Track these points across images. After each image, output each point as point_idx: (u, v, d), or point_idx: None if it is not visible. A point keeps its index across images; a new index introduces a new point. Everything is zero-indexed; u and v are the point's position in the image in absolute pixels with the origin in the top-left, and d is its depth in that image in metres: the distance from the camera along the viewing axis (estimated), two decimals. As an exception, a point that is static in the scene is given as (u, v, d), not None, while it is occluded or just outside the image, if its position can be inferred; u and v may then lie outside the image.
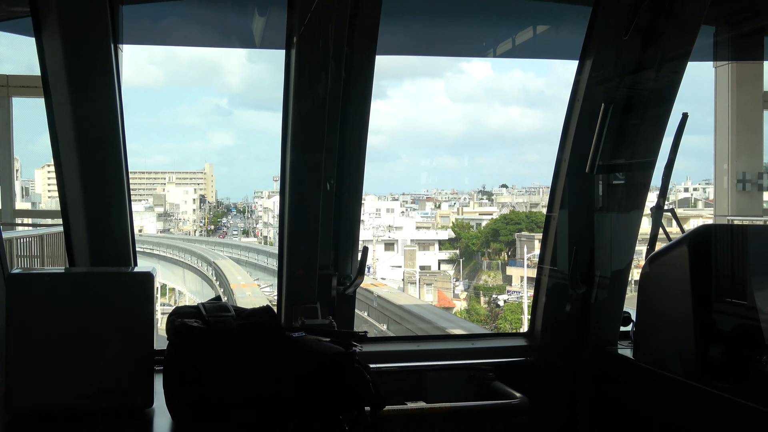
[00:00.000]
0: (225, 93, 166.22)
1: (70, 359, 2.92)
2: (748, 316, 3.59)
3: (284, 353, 2.91)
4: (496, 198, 66.81)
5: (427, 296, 41.50)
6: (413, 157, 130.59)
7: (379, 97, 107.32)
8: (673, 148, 4.22)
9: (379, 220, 51.65)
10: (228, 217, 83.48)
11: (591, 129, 4.40)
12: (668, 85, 4.30)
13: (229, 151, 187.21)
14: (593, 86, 4.39)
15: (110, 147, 3.83)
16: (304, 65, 3.98)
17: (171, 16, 5.46)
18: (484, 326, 39.72)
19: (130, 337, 2.98)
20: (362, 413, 2.94)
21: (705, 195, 52.65)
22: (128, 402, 2.98)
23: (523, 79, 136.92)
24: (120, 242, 3.92)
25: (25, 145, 68.71)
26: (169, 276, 43.80)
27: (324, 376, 2.90)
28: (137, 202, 63.15)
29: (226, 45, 10.33)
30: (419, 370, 4.42)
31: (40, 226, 14.43)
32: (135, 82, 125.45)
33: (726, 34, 6.05)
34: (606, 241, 4.59)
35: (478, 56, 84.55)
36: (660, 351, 3.97)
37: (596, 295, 4.57)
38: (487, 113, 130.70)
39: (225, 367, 2.83)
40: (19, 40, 4.99)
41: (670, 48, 4.24)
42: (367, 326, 27.23)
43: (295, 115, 4.02)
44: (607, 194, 4.65)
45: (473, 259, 52.72)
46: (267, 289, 34.51)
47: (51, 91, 3.70)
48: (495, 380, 4.36)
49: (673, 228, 4.42)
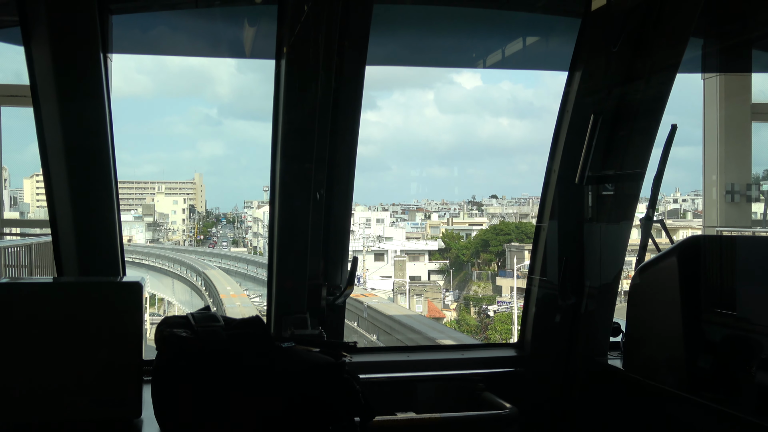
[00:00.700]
0: (214, 102, 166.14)
1: (59, 369, 2.91)
2: (737, 327, 3.60)
3: (273, 363, 2.90)
4: (486, 209, 66.95)
5: (417, 307, 41.47)
6: (403, 167, 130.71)
7: (369, 108, 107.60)
8: (662, 159, 4.23)
9: (369, 231, 51.66)
10: (218, 227, 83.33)
11: (580, 140, 4.42)
12: (657, 96, 4.32)
13: (218, 160, 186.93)
14: (582, 97, 4.41)
15: (99, 156, 3.81)
16: (294, 75, 3.98)
17: (161, 25, 5.46)
18: (474, 337, 39.73)
19: (119, 347, 2.97)
20: (352, 424, 2.94)
21: (694, 206, 52.91)
22: (117, 412, 2.96)
23: (512, 90, 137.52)
24: (109, 252, 3.90)
25: (13, 154, 68.36)
26: (158, 286, 43.66)
27: (313, 386, 2.90)
28: (126, 212, 63.02)
29: (216, 55, 10.34)
30: (409, 381, 4.41)
31: (29, 235, 14.35)
32: (124, 92, 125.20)
33: (714, 46, 6.09)
34: (596, 252, 4.60)
35: (468, 67, 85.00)
36: (650, 361, 3.98)
37: (586, 306, 4.57)
38: (476, 124, 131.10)
39: (214, 377, 2.82)
40: (6, 48, 4.98)
41: (659, 60, 4.26)
42: (357, 336, 27.21)
43: (285, 125, 4.02)
44: (596, 205, 4.66)
45: (463, 269, 52.76)
46: (257, 299, 34.45)
47: (40, 100, 3.68)
48: (485, 390, 4.36)
49: (663, 239, 4.44)
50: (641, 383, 3.97)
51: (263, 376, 2.86)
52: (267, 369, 2.88)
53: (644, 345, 4.06)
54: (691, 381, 3.64)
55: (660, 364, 3.88)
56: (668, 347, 3.79)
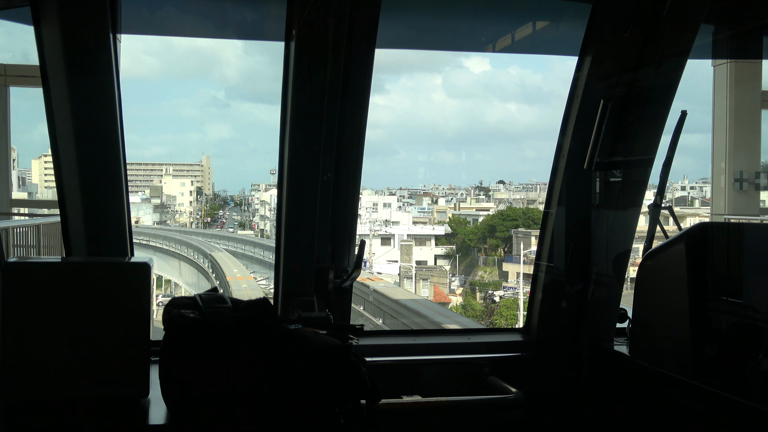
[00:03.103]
0: (222, 85, 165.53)
1: (67, 348, 2.93)
2: (744, 314, 3.60)
3: (280, 345, 2.91)
4: (494, 194, 66.76)
5: (423, 291, 41.47)
6: (411, 152, 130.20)
7: (376, 91, 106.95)
8: (672, 145, 4.21)
9: (376, 215, 51.64)
10: (225, 210, 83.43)
11: (589, 126, 4.40)
12: (667, 82, 4.30)
13: (226, 143, 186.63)
14: (592, 83, 4.39)
15: (108, 137, 3.82)
16: (303, 58, 3.97)
17: (168, 6, 5.43)
18: (479, 322, 39.74)
19: (126, 326, 2.98)
20: (358, 406, 2.95)
21: (702, 194, 52.72)
22: (124, 392, 2.99)
23: (520, 75, 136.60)
24: (117, 233, 3.91)
25: (22, 134, 68.32)
26: (165, 268, 43.74)
27: (320, 368, 2.91)
28: (134, 193, 63.04)
29: (225, 36, 10.30)
30: (415, 364, 4.42)
31: (37, 215, 14.42)
32: (131, 73, 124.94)
33: (725, 33, 6.04)
34: (603, 238, 4.59)
35: (477, 51, 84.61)
36: (656, 348, 3.98)
37: (593, 292, 4.57)
38: (484, 109, 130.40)
39: (221, 357, 2.84)
40: (15, 28, 4.96)
41: (669, 45, 4.24)
42: (363, 320, 27.24)
43: (293, 108, 4.01)
44: (604, 191, 4.65)
45: (469, 254, 52.72)
46: (263, 282, 34.49)
47: (49, 81, 3.68)
48: (490, 375, 4.37)
49: (671, 226, 4.43)
50: (647, 369, 3.98)
51: (270, 358, 2.87)
52: (274, 351, 2.89)
53: (650, 331, 4.06)
54: (696, 368, 3.64)
55: (666, 351, 3.88)
56: (674, 334, 3.79)
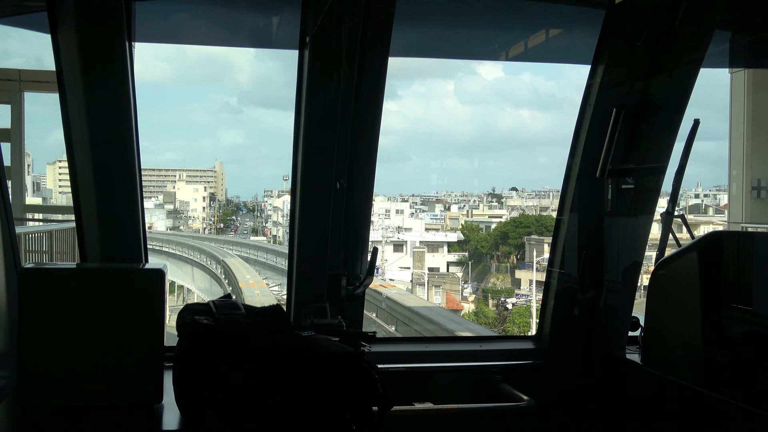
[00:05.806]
0: (235, 91, 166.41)
1: (81, 354, 2.94)
2: (756, 323, 3.58)
3: (293, 352, 2.92)
4: (506, 201, 66.74)
5: (436, 298, 41.43)
6: (423, 158, 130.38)
7: (389, 97, 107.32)
8: (685, 153, 4.21)
9: (389, 222, 51.65)
10: (237, 216, 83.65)
11: (602, 133, 4.40)
12: (680, 90, 4.29)
13: (239, 149, 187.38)
14: (605, 90, 4.39)
15: (123, 144, 3.85)
16: (316, 65, 3.99)
17: (181, 12, 5.46)
18: (492, 329, 39.65)
19: (140, 333, 3.00)
20: (370, 413, 2.95)
21: (716, 201, 52.47)
22: (138, 398, 3.00)
23: (533, 81, 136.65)
24: (131, 239, 3.94)
25: (36, 140, 68.94)
26: (177, 273, 43.92)
27: (332, 375, 2.92)
28: (147, 199, 63.29)
29: (238, 44, 10.33)
30: (427, 372, 4.42)
31: (51, 221, 14.49)
32: (144, 78, 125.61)
33: (742, 40, 6.02)
34: (615, 246, 4.58)
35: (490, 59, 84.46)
36: (668, 356, 3.97)
37: (605, 300, 4.56)
38: (497, 115, 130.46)
39: (234, 364, 2.85)
40: (29, 35, 5.01)
41: (682, 54, 4.23)
42: (376, 327, 27.22)
43: (307, 115, 4.03)
44: (617, 199, 4.64)
45: (482, 261, 52.65)
46: (275, 288, 34.56)
47: (65, 87, 3.72)
48: (502, 383, 4.36)
49: (683, 234, 4.42)
50: (659, 378, 3.97)
51: (283, 365, 2.88)
52: (287, 358, 2.90)
53: (663, 340, 4.05)
54: (709, 377, 3.63)
55: (678, 360, 3.87)
56: (687, 343, 3.78)
